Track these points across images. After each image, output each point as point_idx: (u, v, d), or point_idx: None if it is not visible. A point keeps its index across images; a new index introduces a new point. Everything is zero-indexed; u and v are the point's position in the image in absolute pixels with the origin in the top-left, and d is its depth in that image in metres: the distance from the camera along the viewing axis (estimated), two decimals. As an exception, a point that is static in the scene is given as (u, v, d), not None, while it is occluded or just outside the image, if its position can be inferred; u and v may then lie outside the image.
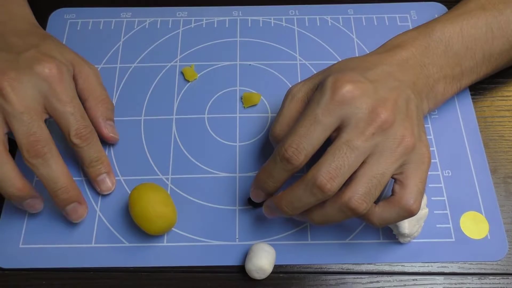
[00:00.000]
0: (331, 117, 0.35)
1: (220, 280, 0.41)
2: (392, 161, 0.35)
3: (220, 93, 0.50)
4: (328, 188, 0.34)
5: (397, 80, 0.38)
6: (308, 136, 0.35)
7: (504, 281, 0.40)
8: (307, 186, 0.35)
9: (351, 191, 0.35)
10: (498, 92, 0.49)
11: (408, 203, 0.36)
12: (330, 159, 0.35)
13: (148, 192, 0.40)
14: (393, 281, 0.40)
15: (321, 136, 0.36)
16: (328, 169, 0.34)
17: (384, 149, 0.35)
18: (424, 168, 0.37)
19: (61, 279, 0.41)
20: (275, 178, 0.38)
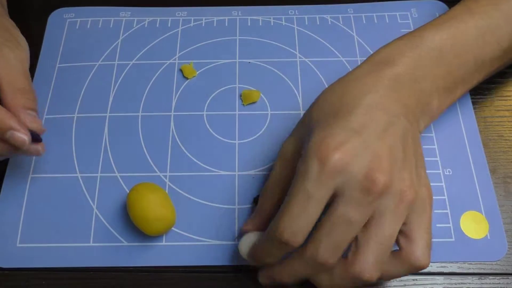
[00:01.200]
0: (324, 189, 0.32)
1: (219, 280, 0.40)
2: (396, 221, 0.33)
3: (219, 90, 0.49)
4: (330, 263, 0.33)
5: (386, 113, 0.34)
6: (303, 215, 0.32)
7: (504, 281, 0.40)
8: (307, 263, 0.34)
9: (361, 262, 0.33)
10: (498, 92, 0.49)
11: (418, 260, 0.33)
12: (328, 235, 0.32)
13: (146, 193, 0.40)
14: (393, 281, 0.40)
15: (316, 212, 0.33)
16: (327, 246, 0.32)
17: (385, 211, 0.32)
18: (428, 214, 0.34)
19: (60, 279, 0.40)
20: (271, 257, 0.36)
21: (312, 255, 0.33)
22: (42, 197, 0.44)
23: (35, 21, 0.54)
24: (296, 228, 0.32)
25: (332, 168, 0.32)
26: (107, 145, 0.46)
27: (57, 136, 0.47)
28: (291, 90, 0.49)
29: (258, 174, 0.45)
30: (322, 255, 0.32)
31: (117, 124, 0.47)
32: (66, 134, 0.47)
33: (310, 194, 0.32)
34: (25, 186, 0.44)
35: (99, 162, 0.45)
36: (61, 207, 0.43)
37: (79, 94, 0.49)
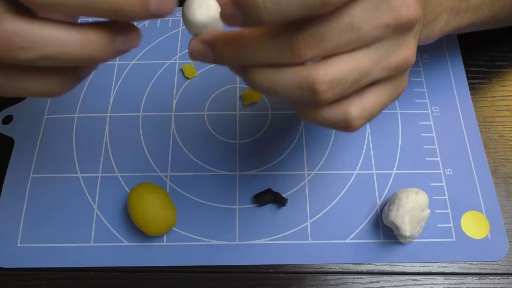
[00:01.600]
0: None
1: (220, 280, 0.40)
2: (383, 66, 0.27)
3: (220, 90, 0.49)
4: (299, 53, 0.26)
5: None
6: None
7: (504, 281, 0.40)
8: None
9: (323, 69, 0.26)
10: (498, 92, 0.49)
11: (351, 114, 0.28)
12: (322, 25, 0.25)
13: (147, 194, 0.40)
14: (393, 281, 0.40)
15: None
16: (312, 33, 0.25)
17: (383, 48, 0.27)
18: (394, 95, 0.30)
19: (61, 279, 0.40)
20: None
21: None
22: (42, 197, 0.44)
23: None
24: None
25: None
26: (107, 145, 0.46)
27: (58, 136, 0.47)
28: (291, 90, 0.49)
29: (258, 174, 0.45)
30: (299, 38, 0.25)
31: (118, 124, 0.47)
32: (67, 134, 0.47)
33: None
34: (26, 186, 0.44)
35: (100, 162, 0.45)
36: (62, 207, 0.43)
37: (80, 94, 0.49)
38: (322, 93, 0.26)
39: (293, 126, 0.47)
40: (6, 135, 0.47)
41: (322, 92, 0.26)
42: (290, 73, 0.27)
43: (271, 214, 0.43)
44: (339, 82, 0.26)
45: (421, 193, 0.40)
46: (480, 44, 0.52)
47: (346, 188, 0.44)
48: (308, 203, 0.43)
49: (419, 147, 0.46)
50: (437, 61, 0.50)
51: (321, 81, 0.26)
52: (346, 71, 0.26)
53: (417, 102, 0.48)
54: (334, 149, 0.46)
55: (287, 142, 0.46)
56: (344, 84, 0.27)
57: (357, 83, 0.27)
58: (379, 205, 0.43)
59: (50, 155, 0.46)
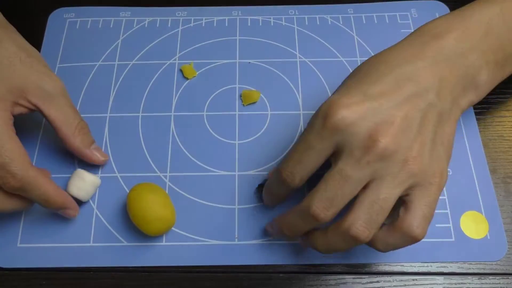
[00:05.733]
0: (324, 143, 0.33)
1: (219, 280, 0.40)
2: (394, 186, 0.33)
3: (219, 90, 0.49)
4: (322, 218, 0.34)
5: (415, 85, 0.34)
6: (302, 161, 0.35)
7: (504, 281, 0.40)
8: (302, 214, 0.35)
9: (351, 218, 0.33)
10: (498, 92, 0.49)
11: (410, 228, 0.33)
12: (323, 189, 0.33)
13: (146, 193, 0.40)
14: (393, 281, 0.40)
15: (315, 162, 0.34)
16: (321, 199, 0.33)
17: (385, 174, 0.33)
18: (434, 190, 0.33)
19: (61, 279, 0.40)
20: (274, 194, 0.40)
21: (306, 206, 0.34)
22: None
23: (35, 21, 0.54)
24: (293, 170, 0.35)
25: (333, 125, 0.33)
26: (107, 145, 0.46)
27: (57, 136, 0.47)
28: (291, 90, 0.49)
29: (258, 174, 0.45)
30: (315, 207, 0.33)
31: (118, 124, 0.47)
32: (66, 134, 0.47)
33: (310, 145, 0.34)
34: (25, 186, 0.44)
35: (99, 162, 0.45)
36: (61, 207, 0.43)
37: (79, 94, 0.49)
38: (361, 235, 0.33)
39: (292, 126, 0.47)
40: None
41: (360, 235, 0.33)
42: (333, 232, 0.35)
43: (271, 214, 0.43)
44: (368, 220, 0.33)
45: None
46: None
47: (346, 188, 0.44)
48: (307, 203, 0.43)
49: (419, 147, 0.46)
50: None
51: (355, 228, 0.33)
52: (369, 209, 0.33)
53: (417, 102, 0.48)
54: (334, 149, 0.46)
55: (286, 142, 0.46)
56: (372, 219, 0.33)
57: (382, 210, 0.33)
58: (378, 205, 0.43)
59: (50, 155, 0.46)
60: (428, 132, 0.34)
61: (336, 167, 0.33)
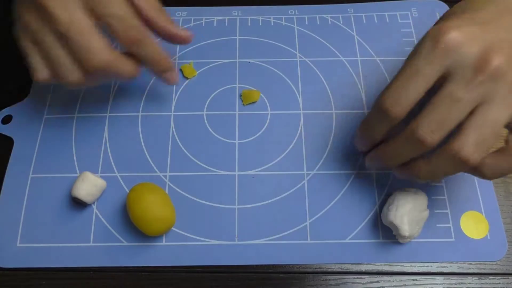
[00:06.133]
0: (433, 66, 0.32)
1: (220, 280, 0.40)
2: (504, 107, 0.32)
3: (219, 90, 0.49)
4: (429, 142, 0.33)
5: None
6: (408, 88, 0.33)
7: (504, 281, 0.40)
8: (407, 140, 0.34)
9: (461, 141, 0.32)
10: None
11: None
12: (431, 112, 0.33)
13: (146, 193, 0.40)
14: (393, 281, 0.40)
15: (421, 87, 0.33)
16: (428, 122, 0.33)
17: (496, 96, 0.32)
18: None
19: (61, 279, 0.40)
20: (374, 130, 0.37)
21: (413, 130, 0.33)
22: (42, 197, 0.44)
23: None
24: (397, 98, 0.34)
25: (444, 46, 0.32)
26: (107, 145, 0.46)
27: (57, 136, 0.47)
28: (291, 90, 0.49)
29: (258, 174, 0.45)
30: (422, 131, 0.33)
31: (117, 124, 0.47)
32: (66, 134, 0.47)
33: (418, 69, 0.33)
34: (25, 186, 0.44)
35: (99, 162, 0.45)
36: (61, 207, 0.43)
37: (79, 94, 0.49)
38: (470, 159, 0.32)
39: (292, 126, 0.47)
40: (6, 135, 0.47)
41: (470, 159, 0.32)
42: (439, 158, 0.34)
43: (271, 214, 0.43)
44: (480, 142, 0.32)
45: (420, 193, 0.41)
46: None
47: (345, 188, 0.44)
48: (307, 203, 0.43)
49: (419, 147, 0.46)
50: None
51: (465, 150, 0.32)
52: (478, 131, 0.32)
53: (417, 102, 0.48)
54: (333, 149, 0.46)
55: (287, 142, 0.46)
56: (485, 140, 0.32)
57: (495, 132, 0.32)
58: (378, 205, 0.43)
59: (49, 155, 0.46)
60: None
61: (445, 89, 0.32)
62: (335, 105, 0.48)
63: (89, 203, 0.42)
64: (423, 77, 0.33)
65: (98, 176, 0.43)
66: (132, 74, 0.41)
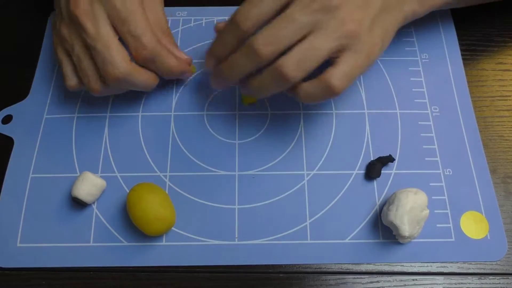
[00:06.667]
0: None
1: (219, 280, 0.40)
2: (329, 40, 0.36)
3: (219, 90, 0.49)
4: (262, 53, 0.37)
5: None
6: (258, 5, 0.37)
7: (504, 281, 0.40)
8: (245, 51, 0.38)
9: (285, 58, 0.37)
10: (498, 92, 0.49)
11: (330, 79, 0.37)
12: (269, 27, 0.37)
13: (146, 193, 0.40)
14: (393, 281, 0.40)
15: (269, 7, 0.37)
16: (264, 35, 0.37)
17: (324, 27, 0.36)
18: (361, 57, 0.38)
19: (61, 279, 0.40)
20: (223, 42, 0.40)
21: (251, 42, 0.37)
22: (42, 197, 0.44)
23: (35, 21, 0.54)
24: (248, 13, 0.38)
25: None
26: (107, 145, 0.46)
27: (57, 136, 0.47)
28: (291, 90, 0.49)
29: (258, 174, 0.45)
30: (257, 43, 0.37)
31: (117, 124, 0.47)
32: (66, 134, 0.47)
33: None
34: (25, 186, 0.44)
35: (99, 162, 0.45)
36: (61, 207, 0.43)
37: (79, 94, 0.49)
38: (288, 74, 0.37)
39: (292, 126, 0.47)
40: (6, 135, 0.47)
41: (288, 73, 0.37)
42: (266, 72, 0.38)
43: (271, 214, 0.43)
44: (299, 62, 0.37)
45: (420, 193, 0.40)
46: (480, 43, 0.52)
47: (345, 188, 0.44)
48: (307, 203, 0.43)
49: (419, 147, 0.46)
50: (436, 61, 0.50)
51: (285, 66, 0.37)
52: (301, 53, 0.36)
53: (417, 102, 0.48)
54: (333, 149, 0.46)
55: (287, 142, 0.46)
56: (302, 62, 0.37)
57: (313, 58, 0.37)
58: (378, 205, 0.43)
59: (50, 155, 0.46)
60: (370, 11, 0.38)
61: (286, 11, 0.37)
62: (335, 105, 0.48)
63: (89, 203, 0.42)
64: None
65: (98, 176, 0.43)
66: (148, 85, 0.44)
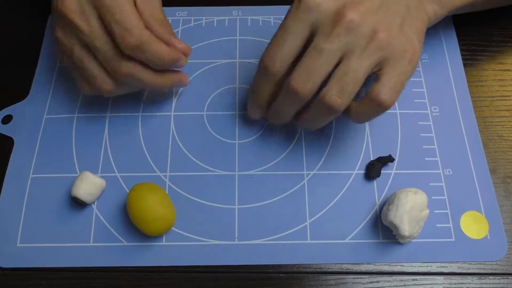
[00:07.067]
0: (299, 24, 0.37)
1: (220, 280, 0.40)
2: (364, 57, 0.36)
3: (220, 90, 0.49)
4: (302, 92, 0.37)
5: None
6: (281, 46, 0.37)
7: (504, 281, 0.40)
8: (285, 93, 0.38)
9: (326, 88, 0.37)
10: (497, 92, 0.49)
11: (378, 95, 0.36)
12: (301, 65, 0.37)
13: (146, 193, 0.40)
14: (393, 281, 0.40)
15: (293, 45, 0.37)
16: (299, 74, 0.37)
17: (355, 47, 0.36)
18: (404, 63, 0.37)
19: (60, 279, 0.40)
20: (260, 90, 0.41)
21: (287, 84, 0.37)
22: (42, 197, 0.44)
23: (35, 21, 0.54)
24: (274, 55, 0.38)
25: (305, 4, 0.36)
26: (107, 145, 0.46)
27: (57, 136, 0.47)
28: (291, 90, 0.49)
29: (258, 174, 0.45)
30: (294, 82, 0.37)
31: (117, 124, 0.47)
32: (66, 134, 0.47)
33: (287, 28, 0.37)
34: (25, 186, 0.44)
35: (99, 162, 0.45)
36: (61, 207, 0.43)
37: (79, 94, 0.49)
38: (334, 103, 0.37)
39: (292, 126, 0.47)
40: (6, 135, 0.47)
41: (333, 102, 0.37)
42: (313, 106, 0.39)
43: (271, 214, 0.43)
44: (341, 89, 0.36)
45: (420, 193, 0.40)
46: (480, 43, 0.52)
47: (345, 188, 0.44)
48: (307, 203, 0.43)
49: (419, 147, 0.46)
50: (436, 61, 0.51)
51: (328, 96, 0.37)
52: (341, 79, 0.36)
53: (417, 102, 0.48)
54: (333, 149, 0.46)
55: (287, 142, 0.46)
56: (344, 87, 0.36)
57: (354, 81, 0.36)
58: (378, 205, 0.43)
59: (50, 155, 0.46)
60: (396, 14, 0.37)
61: (312, 43, 0.37)
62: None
63: (88, 202, 0.42)
64: (292, 34, 0.37)
65: (97, 176, 0.43)
66: (162, 59, 0.41)
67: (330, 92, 0.36)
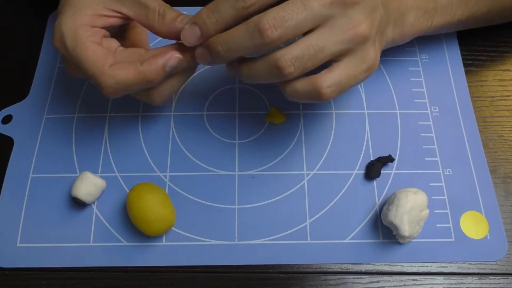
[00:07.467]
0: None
1: (219, 280, 0.40)
2: (337, 40, 0.34)
3: (220, 90, 0.49)
4: (267, 35, 0.33)
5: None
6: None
7: (504, 281, 0.40)
8: (248, 28, 0.34)
9: (285, 50, 0.34)
10: (497, 92, 0.49)
11: (321, 83, 0.35)
12: (280, 9, 0.33)
13: (146, 193, 0.40)
14: (393, 281, 0.40)
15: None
16: (274, 16, 0.33)
17: (336, 25, 0.34)
18: (362, 67, 0.36)
19: (60, 279, 0.40)
20: (220, 10, 0.35)
21: (258, 20, 0.33)
22: (42, 197, 0.44)
23: (35, 21, 0.54)
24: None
25: None
26: (107, 145, 0.46)
27: (57, 136, 0.47)
28: (291, 90, 0.49)
29: (258, 174, 0.45)
30: (265, 23, 0.33)
31: (117, 124, 0.47)
32: (66, 134, 0.47)
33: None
34: (25, 186, 0.44)
35: (99, 162, 0.45)
36: (61, 207, 0.43)
37: (79, 94, 0.49)
38: (285, 69, 0.34)
39: (292, 126, 0.47)
40: (6, 135, 0.47)
41: (285, 68, 0.34)
42: (262, 60, 0.35)
43: (271, 214, 0.43)
44: (298, 58, 0.34)
45: (420, 193, 0.41)
46: (480, 43, 0.52)
47: (345, 188, 0.44)
48: (307, 203, 0.43)
49: (419, 147, 0.46)
50: (436, 61, 0.50)
51: (283, 59, 0.34)
52: (303, 49, 0.34)
53: (416, 102, 0.48)
54: (333, 149, 0.46)
55: (287, 142, 0.46)
56: (302, 59, 0.34)
57: (314, 57, 0.34)
58: (378, 205, 0.43)
59: (49, 155, 0.46)
60: (376, 21, 0.36)
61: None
62: (335, 105, 0.48)
63: (88, 203, 0.42)
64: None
65: (97, 176, 0.43)
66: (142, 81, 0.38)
67: (287, 56, 0.34)
